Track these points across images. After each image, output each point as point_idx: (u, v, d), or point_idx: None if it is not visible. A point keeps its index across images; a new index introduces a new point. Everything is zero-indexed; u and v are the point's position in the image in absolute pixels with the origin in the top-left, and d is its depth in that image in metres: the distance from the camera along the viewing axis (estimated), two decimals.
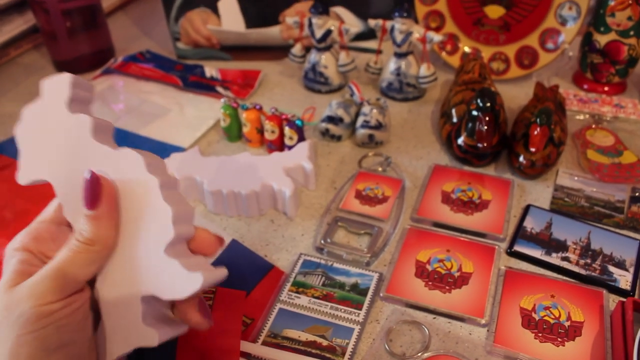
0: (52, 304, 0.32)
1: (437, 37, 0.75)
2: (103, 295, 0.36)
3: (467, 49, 0.86)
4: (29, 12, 0.96)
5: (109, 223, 0.35)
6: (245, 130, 0.72)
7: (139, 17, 1.14)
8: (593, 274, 0.54)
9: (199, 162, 0.65)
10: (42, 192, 0.43)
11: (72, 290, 0.33)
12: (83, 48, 0.93)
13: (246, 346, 0.48)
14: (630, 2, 0.74)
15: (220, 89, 0.85)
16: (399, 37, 0.77)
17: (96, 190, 0.35)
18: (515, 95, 0.81)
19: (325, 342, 0.48)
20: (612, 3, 0.76)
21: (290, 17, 0.82)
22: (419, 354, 0.47)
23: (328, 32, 0.80)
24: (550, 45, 0.82)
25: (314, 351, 0.48)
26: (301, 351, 0.48)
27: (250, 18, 0.91)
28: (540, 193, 0.65)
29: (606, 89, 0.82)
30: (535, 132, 0.63)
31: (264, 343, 0.49)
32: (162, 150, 0.73)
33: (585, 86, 0.84)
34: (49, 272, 0.33)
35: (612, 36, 0.78)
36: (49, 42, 0.92)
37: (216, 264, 0.56)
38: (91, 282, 0.36)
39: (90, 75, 0.91)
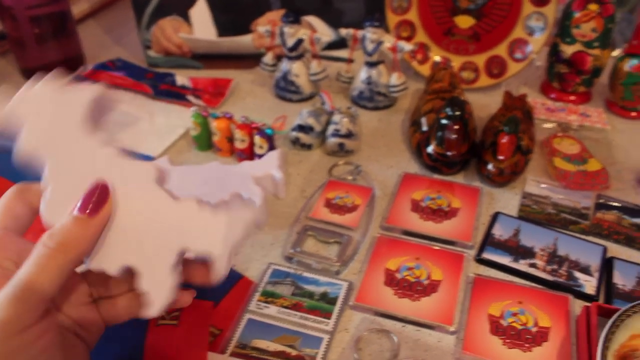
0: (15, 337, 0.28)
1: (407, 47, 0.76)
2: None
3: (437, 59, 0.87)
4: None
5: (94, 236, 0.33)
6: (215, 139, 0.71)
7: (110, 25, 1.13)
8: (559, 279, 0.55)
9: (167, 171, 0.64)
10: None
11: (39, 311, 0.29)
12: (52, 55, 0.91)
13: (214, 358, 0.47)
14: (594, 14, 0.76)
15: (191, 98, 0.85)
16: (370, 46, 0.77)
17: (102, 196, 0.34)
18: (485, 104, 0.82)
19: (294, 352, 0.48)
20: (577, 15, 0.77)
21: (262, 25, 0.82)
22: None
23: (299, 41, 0.80)
24: (518, 55, 0.83)
25: None
26: None
27: (222, 26, 0.91)
28: (508, 200, 0.65)
29: (572, 98, 0.84)
30: (503, 140, 0.64)
31: (233, 354, 0.48)
32: None
33: (553, 95, 0.85)
34: (12, 292, 0.28)
35: (577, 47, 0.79)
36: (17, 49, 0.91)
37: None
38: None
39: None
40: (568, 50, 0.80)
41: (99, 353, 0.44)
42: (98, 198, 0.34)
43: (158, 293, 0.35)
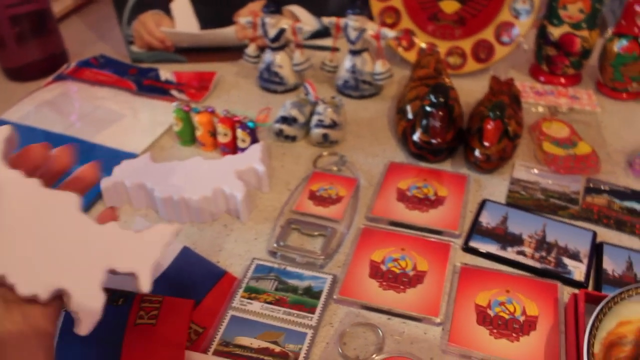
0: None
1: (391, 34, 0.74)
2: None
3: (423, 45, 0.85)
4: None
5: None
6: (198, 133, 0.70)
7: (94, 21, 1.12)
8: (548, 266, 0.54)
9: (149, 168, 0.63)
10: None
11: None
12: (33, 54, 0.90)
13: (197, 357, 0.46)
14: None
15: (175, 92, 0.83)
16: (352, 34, 0.76)
17: None
18: (472, 89, 0.81)
19: (277, 349, 0.47)
20: None
21: (243, 17, 0.81)
22: (373, 356, 0.46)
23: (281, 31, 0.78)
24: (505, 38, 0.82)
25: (266, 358, 0.46)
26: (253, 359, 0.46)
27: (204, 19, 0.89)
28: (496, 187, 0.64)
29: (562, 80, 0.82)
30: (489, 126, 0.62)
31: (216, 352, 0.47)
32: (114, 157, 0.71)
33: (542, 78, 0.84)
34: None
35: (565, 29, 0.78)
36: None
37: (167, 272, 0.55)
38: None
39: (42, 82, 0.89)
40: (556, 32, 0.79)
41: (75, 354, 0.44)
42: None
43: (88, 312, 0.37)
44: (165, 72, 0.88)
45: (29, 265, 0.37)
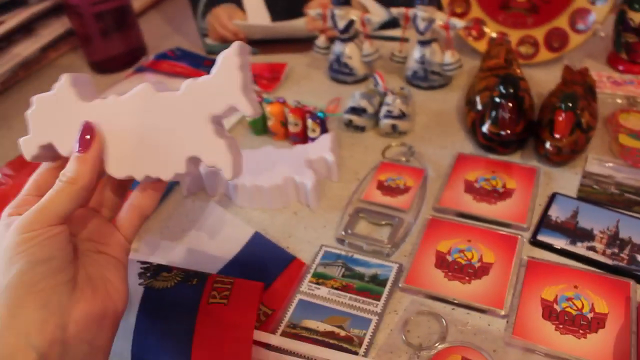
0: (35, 231, 0.36)
1: (460, 23, 0.74)
2: None
3: (493, 34, 0.84)
4: (65, 16, 1.00)
5: (93, 167, 0.40)
6: (269, 123, 0.73)
7: (170, 15, 1.17)
8: (620, 263, 0.53)
9: None
10: None
11: (53, 222, 0.37)
12: (116, 48, 0.96)
13: (265, 337, 0.49)
14: None
15: None
16: (421, 25, 0.76)
17: (89, 136, 0.41)
18: (545, 79, 0.79)
19: (343, 333, 0.49)
20: None
21: (313, 9, 0.82)
22: (436, 345, 0.47)
23: (350, 23, 0.79)
24: (581, 26, 0.79)
25: (331, 341, 0.48)
26: (319, 341, 0.48)
27: (275, 11, 0.92)
28: (567, 180, 0.63)
29: None
30: (560, 118, 0.61)
31: (283, 333, 0.50)
32: None
33: (621, 67, 0.81)
34: (34, 208, 0.38)
35: None
36: (84, 43, 0.96)
37: (239, 257, 0.58)
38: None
39: (123, 74, 0.94)
40: (637, 17, 0.75)
41: (153, 330, 0.47)
42: (85, 136, 0.41)
43: (222, 157, 0.40)
44: None
45: (159, 156, 0.41)
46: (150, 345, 0.46)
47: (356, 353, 0.47)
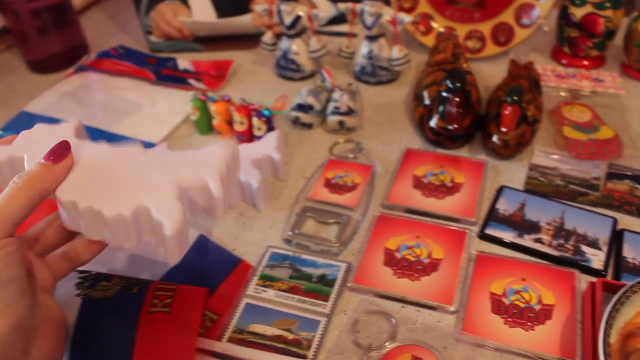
0: None
1: (407, 18, 0.73)
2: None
3: (441, 29, 0.84)
4: None
5: (56, 178, 0.39)
6: (215, 122, 0.71)
7: (113, 12, 1.13)
8: (565, 254, 0.53)
9: None
10: None
11: (7, 233, 0.36)
12: (55, 46, 0.91)
13: (210, 344, 0.47)
14: None
15: (193, 82, 0.84)
16: (369, 20, 0.75)
17: (63, 151, 0.40)
18: (492, 73, 0.79)
19: (291, 336, 0.48)
20: None
21: (259, 4, 0.80)
22: (386, 344, 0.46)
23: (297, 18, 0.78)
24: (525, 20, 0.80)
25: (279, 345, 0.47)
26: (266, 346, 0.47)
27: (221, 7, 0.89)
28: (514, 173, 0.63)
29: (585, 63, 0.80)
30: (506, 112, 0.61)
31: (230, 339, 0.48)
32: None
33: (564, 61, 0.82)
34: None
35: (588, 9, 0.76)
36: (21, 42, 0.91)
37: (183, 261, 0.56)
38: None
39: (63, 74, 0.90)
40: (578, 12, 0.76)
41: (91, 341, 0.45)
42: (59, 151, 0.40)
43: (169, 215, 0.40)
44: (184, 62, 0.88)
45: (111, 195, 0.40)
46: (90, 352, 0.44)
47: (305, 356, 0.46)
